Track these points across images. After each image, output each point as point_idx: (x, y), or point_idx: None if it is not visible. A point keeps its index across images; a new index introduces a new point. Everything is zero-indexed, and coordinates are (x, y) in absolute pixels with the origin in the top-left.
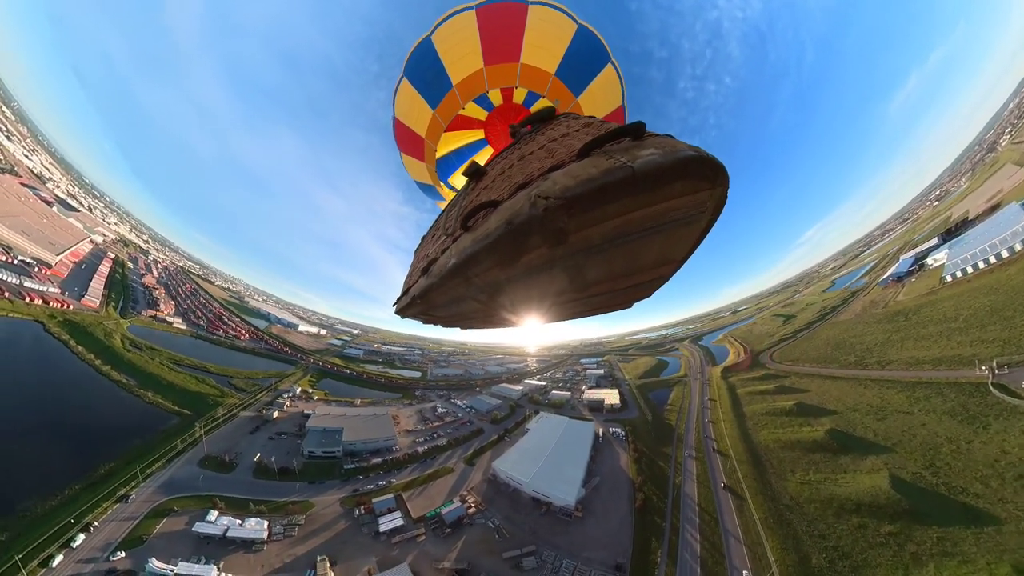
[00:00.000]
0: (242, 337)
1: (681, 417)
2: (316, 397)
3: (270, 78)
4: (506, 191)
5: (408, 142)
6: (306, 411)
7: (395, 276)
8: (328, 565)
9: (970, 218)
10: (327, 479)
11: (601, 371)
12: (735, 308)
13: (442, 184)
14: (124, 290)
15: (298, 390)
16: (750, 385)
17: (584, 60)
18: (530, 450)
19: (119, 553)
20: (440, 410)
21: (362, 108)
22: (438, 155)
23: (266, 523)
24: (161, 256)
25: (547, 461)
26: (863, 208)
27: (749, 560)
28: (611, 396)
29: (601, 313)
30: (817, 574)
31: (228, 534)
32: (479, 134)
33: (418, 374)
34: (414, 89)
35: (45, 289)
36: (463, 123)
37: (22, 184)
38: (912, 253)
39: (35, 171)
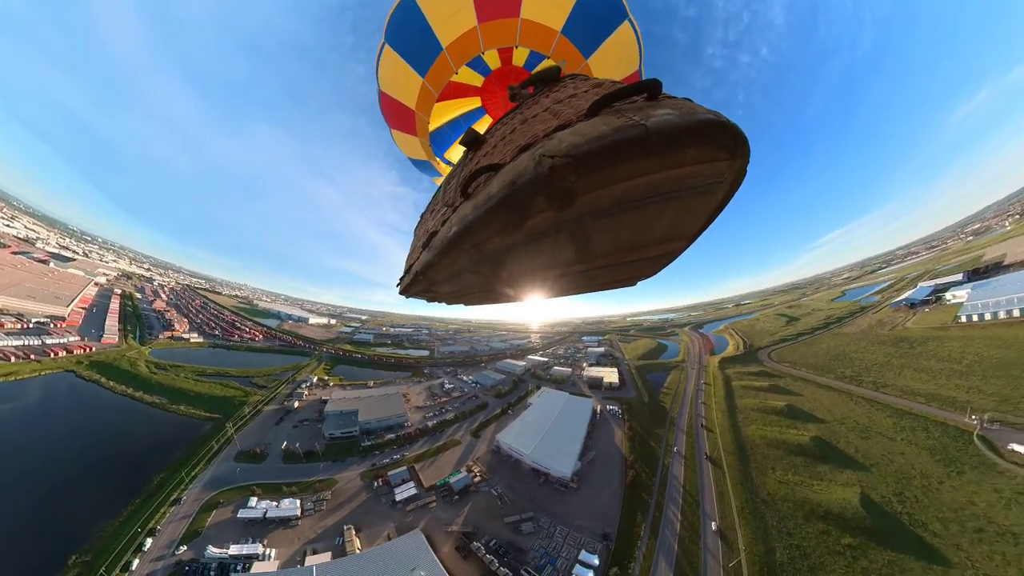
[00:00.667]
0: (256, 338)
1: (676, 401)
2: (332, 383)
3: (234, 71)
4: (508, 154)
5: (397, 116)
6: (323, 397)
7: (397, 259)
8: (354, 532)
9: (1005, 263)
10: (347, 457)
11: (602, 349)
12: (739, 301)
13: (438, 159)
14: (138, 320)
15: (314, 379)
16: (745, 379)
17: (596, 15)
18: (532, 424)
19: (182, 547)
20: (447, 386)
21: (342, 87)
22: (431, 128)
23: (298, 502)
24: (165, 280)
25: (547, 434)
26: (892, 223)
27: (721, 544)
28: (610, 375)
29: (605, 289)
30: (778, 567)
31: (268, 515)
32: (475, 102)
33: (426, 352)
34: (399, 56)
35: (65, 340)
36: (457, 91)
37: (13, 253)
38: (932, 283)
39: (21, 236)
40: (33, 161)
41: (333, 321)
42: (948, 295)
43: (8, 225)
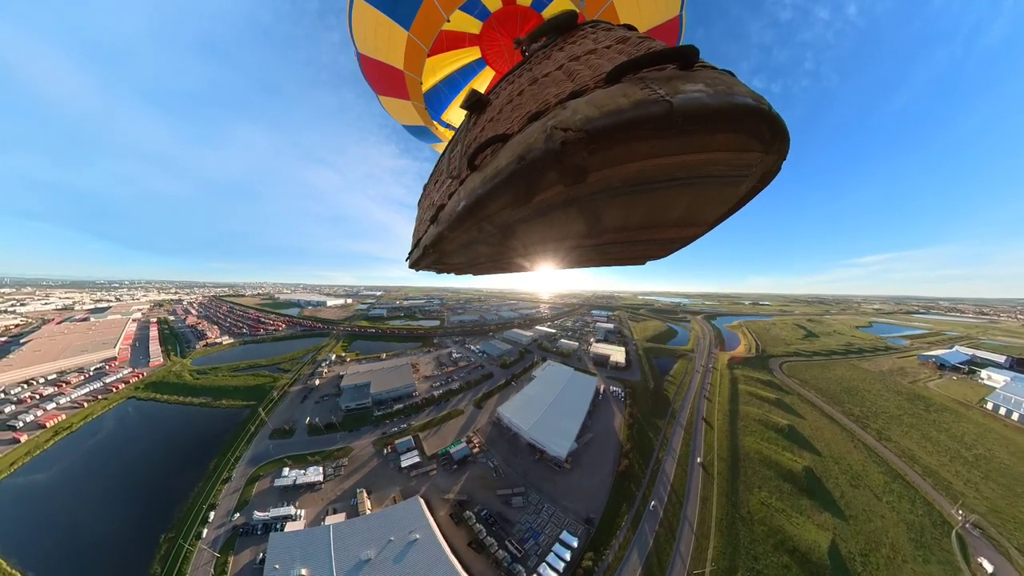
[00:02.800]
0: (279, 328)
1: (679, 393)
2: (348, 359)
3: (195, 78)
4: (516, 122)
5: (384, 80)
6: (340, 373)
7: (405, 233)
8: (365, 495)
9: None
10: (362, 427)
11: (611, 326)
12: (757, 300)
13: (436, 123)
14: (175, 338)
15: (333, 357)
16: (753, 385)
17: None
18: (533, 398)
19: (236, 515)
20: (455, 355)
21: (317, 62)
22: (425, 88)
23: (321, 469)
24: (192, 297)
25: (547, 411)
26: (947, 268)
27: (692, 549)
28: (617, 354)
29: (613, 264)
30: None
31: (297, 482)
32: (474, 53)
33: (437, 323)
34: (374, 8)
35: (121, 375)
36: (451, 41)
37: (57, 323)
38: (970, 352)
39: (59, 308)
40: (35, 238)
41: (349, 301)
42: (983, 373)
43: (45, 303)
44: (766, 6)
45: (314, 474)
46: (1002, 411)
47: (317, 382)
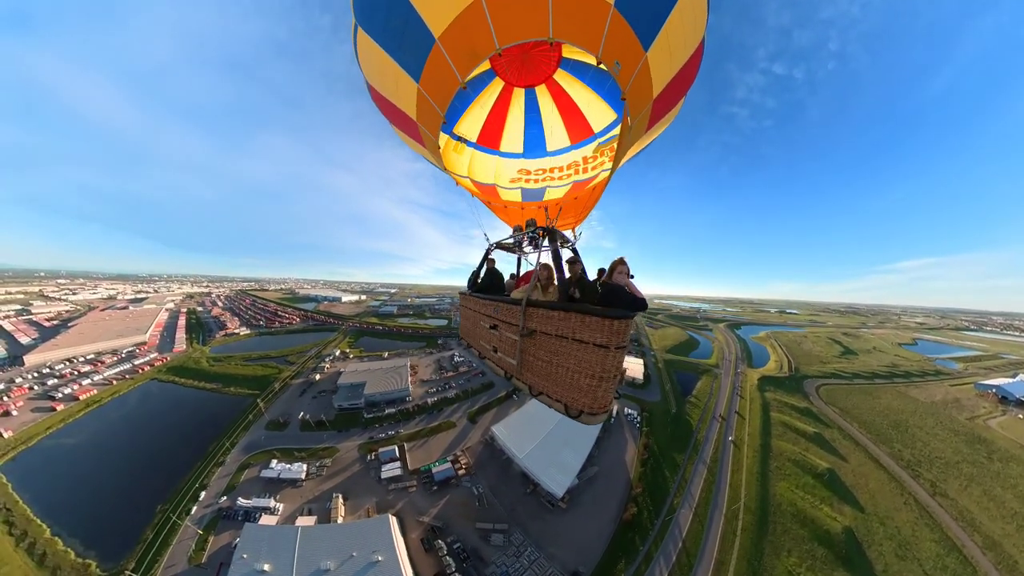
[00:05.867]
0: (294, 322)
1: (704, 419)
2: (351, 356)
3: (222, 95)
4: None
5: (395, 117)
6: (340, 369)
7: (421, 233)
8: (341, 500)
9: None
10: (351, 427)
11: None
12: (784, 308)
13: (453, 159)
14: (200, 328)
15: (337, 352)
16: (787, 413)
17: None
18: (533, 418)
19: (223, 498)
20: (457, 359)
21: (332, 73)
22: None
23: (304, 466)
24: (220, 290)
25: (548, 437)
26: (999, 277)
27: None
28: (635, 367)
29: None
30: None
31: (281, 476)
32: (483, 66)
33: (444, 322)
34: (378, 46)
35: (148, 358)
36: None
37: (101, 311)
38: None
39: (104, 297)
40: (93, 239)
41: (363, 297)
42: None
43: (93, 293)
44: None
45: (298, 470)
46: None
47: (317, 377)
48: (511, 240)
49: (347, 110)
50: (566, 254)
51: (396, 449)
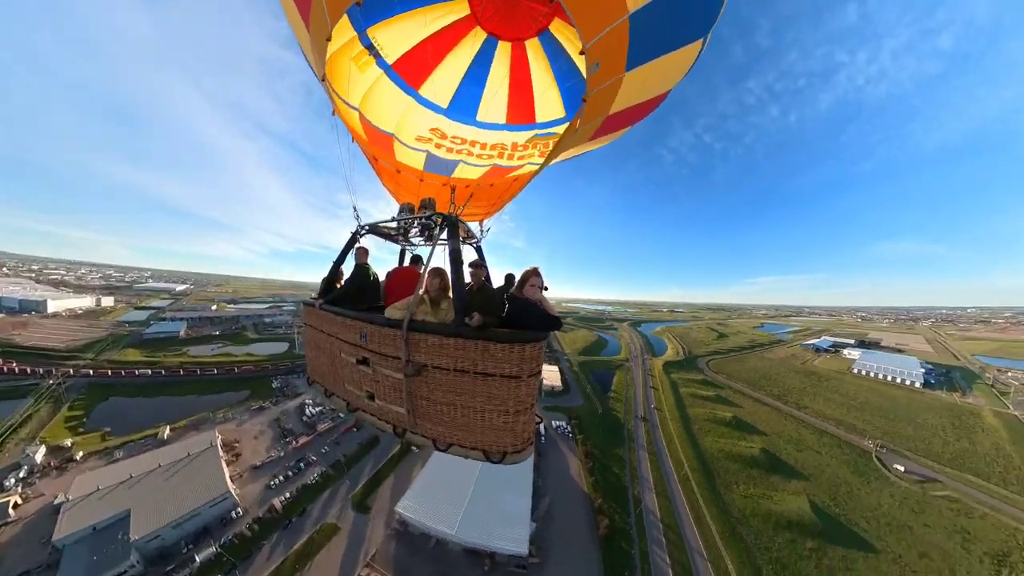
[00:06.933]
0: None
1: (628, 409)
2: (80, 454)
3: None
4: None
5: None
6: (58, 497)
7: (258, 183)
8: None
9: (881, 344)
10: None
11: None
12: (673, 308)
13: (356, 48)
14: None
15: (40, 453)
16: (692, 387)
17: (679, 19)
18: (446, 476)
19: None
20: (311, 410)
21: None
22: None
23: None
24: None
25: (476, 494)
26: (808, 290)
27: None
28: (551, 375)
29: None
30: None
31: None
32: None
33: (284, 347)
34: None
35: None
36: None
37: None
38: (832, 339)
39: None
40: None
41: (108, 301)
42: (845, 352)
43: None
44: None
45: None
46: (864, 372)
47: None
48: (394, 224)
49: None
50: (468, 254)
51: None
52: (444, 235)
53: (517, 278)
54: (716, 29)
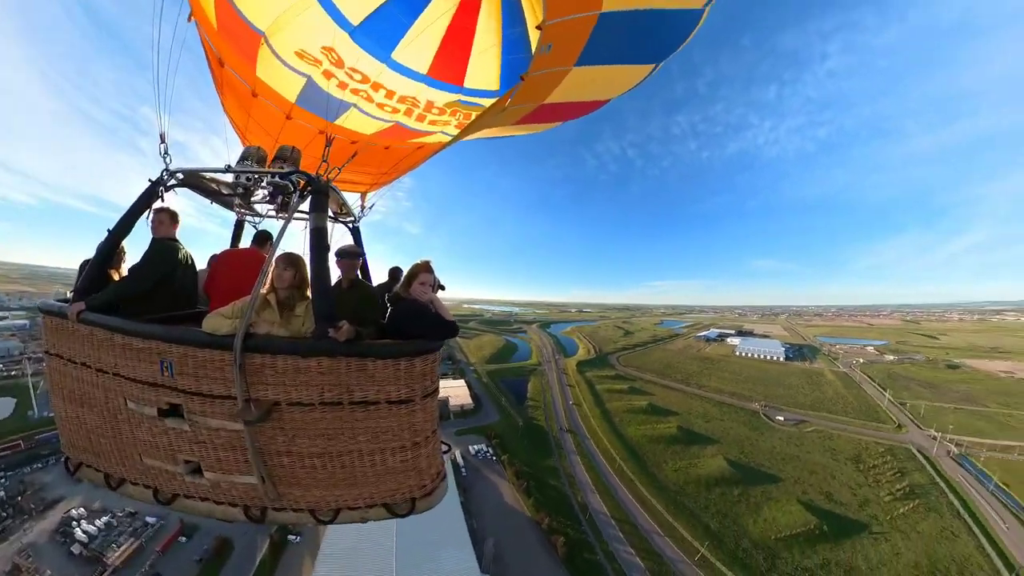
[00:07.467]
0: None
1: (549, 415)
2: None
3: None
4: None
5: None
6: None
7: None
8: None
9: (754, 332)
10: None
11: None
12: (581, 308)
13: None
14: None
15: None
16: (607, 383)
17: (647, 36)
18: (356, 550)
19: None
20: (87, 528)
21: None
22: None
23: None
24: None
25: (402, 560)
26: (704, 292)
27: (679, 548)
28: (458, 391)
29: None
30: (720, 533)
31: None
32: None
33: (6, 405)
34: None
35: None
36: None
37: None
38: (719, 331)
39: None
40: None
41: None
42: (728, 340)
43: None
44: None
45: None
46: (743, 354)
47: None
48: (228, 177)
49: None
50: (339, 237)
51: None
52: (306, 205)
53: (404, 274)
54: (669, 62)
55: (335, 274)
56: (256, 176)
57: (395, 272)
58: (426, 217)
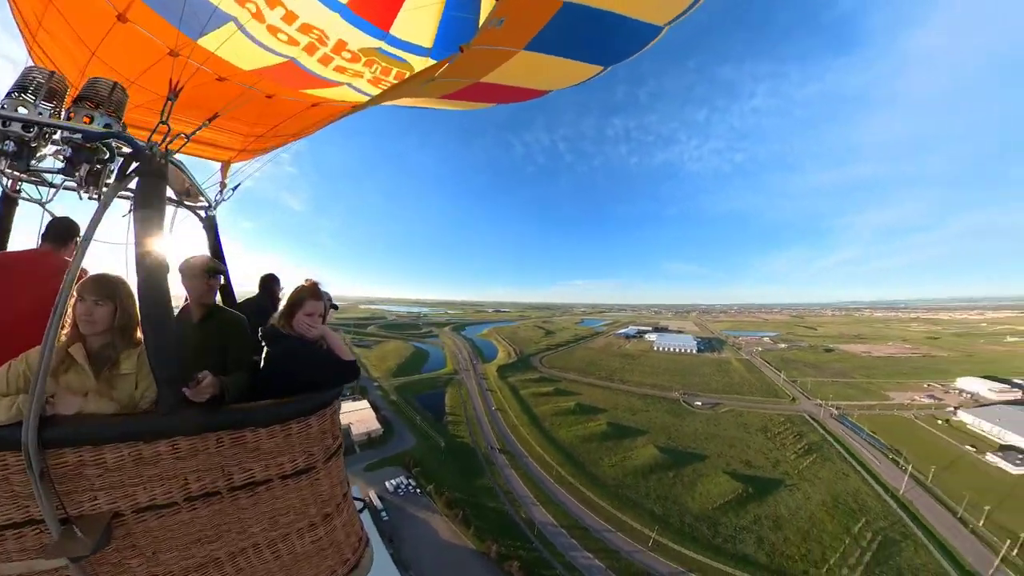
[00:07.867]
0: None
1: (474, 430)
2: None
3: None
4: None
5: None
6: None
7: None
8: None
9: (669, 328)
10: None
11: None
12: (498, 307)
13: None
14: None
15: None
16: (531, 387)
17: (596, 35)
18: None
19: None
20: None
21: None
22: None
23: None
24: None
25: None
26: (620, 291)
27: (632, 539)
28: (361, 415)
29: None
30: (664, 516)
31: None
32: None
33: None
34: None
35: None
36: None
37: None
38: (637, 328)
39: None
40: None
41: None
42: (646, 336)
43: None
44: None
45: None
46: (660, 348)
47: None
48: None
49: None
50: (186, 232)
51: None
52: (133, 184)
53: (284, 293)
54: (617, 67)
55: (179, 296)
56: (41, 128)
57: (268, 282)
58: (315, 189)
